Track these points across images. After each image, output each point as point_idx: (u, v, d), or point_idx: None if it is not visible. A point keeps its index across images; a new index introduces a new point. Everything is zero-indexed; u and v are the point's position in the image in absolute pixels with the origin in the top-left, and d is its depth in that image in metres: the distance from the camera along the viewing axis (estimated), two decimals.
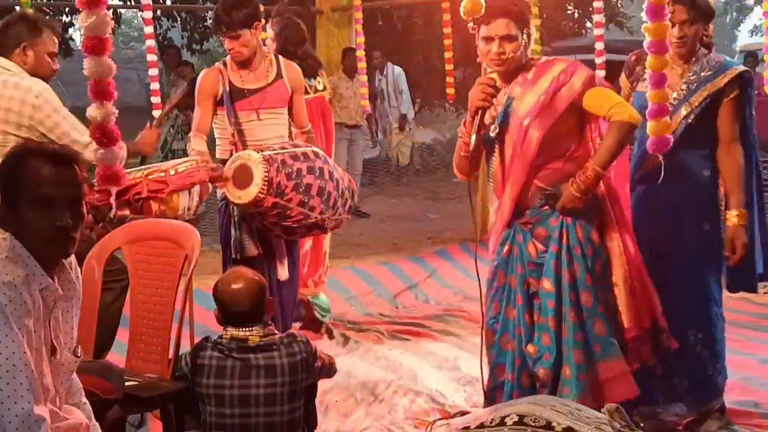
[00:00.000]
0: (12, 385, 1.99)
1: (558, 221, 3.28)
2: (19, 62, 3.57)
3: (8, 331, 2.00)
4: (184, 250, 3.22)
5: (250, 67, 4.08)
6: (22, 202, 2.14)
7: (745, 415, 3.88)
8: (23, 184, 2.15)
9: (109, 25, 2.87)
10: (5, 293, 2.02)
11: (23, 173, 2.15)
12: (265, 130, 4.07)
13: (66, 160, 2.19)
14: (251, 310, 2.99)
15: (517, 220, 3.35)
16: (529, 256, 3.34)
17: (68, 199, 2.16)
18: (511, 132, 3.29)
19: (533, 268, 3.32)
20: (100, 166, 2.98)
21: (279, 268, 4.14)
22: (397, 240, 8.05)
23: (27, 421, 1.99)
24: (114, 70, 2.92)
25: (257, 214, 3.85)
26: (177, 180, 4.01)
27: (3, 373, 1.98)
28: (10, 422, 1.98)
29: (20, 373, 2.00)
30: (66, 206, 2.15)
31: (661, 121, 3.41)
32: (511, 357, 3.36)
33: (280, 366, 2.95)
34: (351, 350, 4.99)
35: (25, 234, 2.13)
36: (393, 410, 4.08)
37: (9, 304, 2.01)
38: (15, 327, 2.01)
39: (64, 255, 2.23)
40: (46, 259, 2.17)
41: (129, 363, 3.17)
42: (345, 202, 4.02)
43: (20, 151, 2.23)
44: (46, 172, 2.15)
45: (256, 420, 2.92)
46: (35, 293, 2.11)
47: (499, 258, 3.42)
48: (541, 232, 3.32)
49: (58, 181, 2.15)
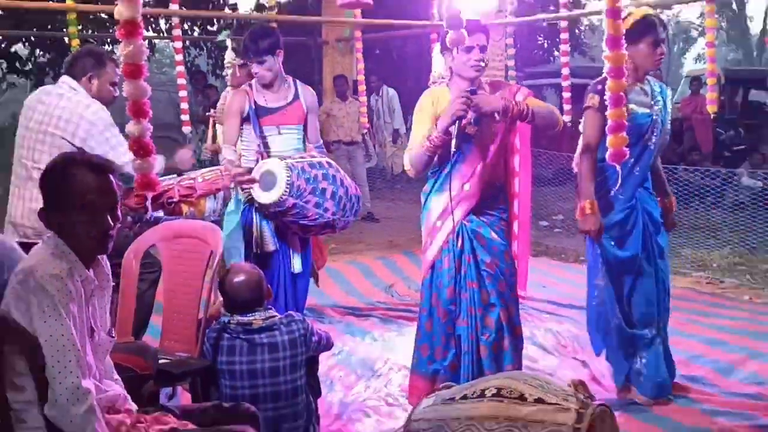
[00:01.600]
0: (62, 362, 2.01)
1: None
2: (86, 89, 3.64)
3: (57, 317, 2.03)
4: (209, 246, 3.23)
5: (272, 88, 4.08)
6: (69, 206, 2.16)
7: (688, 388, 3.90)
8: (71, 191, 2.17)
9: (144, 53, 2.86)
10: (53, 284, 2.05)
11: (71, 182, 2.17)
12: (284, 142, 4.08)
13: (105, 171, 2.23)
14: (252, 297, 3.03)
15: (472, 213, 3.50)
16: (492, 239, 3.50)
17: (108, 205, 2.20)
18: (484, 131, 3.45)
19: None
20: (137, 175, 2.98)
21: (294, 261, 4.14)
22: (392, 238, 8.05)
23: (76, 393, 2.01)
24: (149, 92, 2.91)
25: (279, 213, 3.86)
26: (204, 186, 4.01)
27: (54, 352, 2.01)
28: (61, 394, 2.00)
29: (69, 352, 2.03)
30: (106, 211, 2.19)
31: (619, 136, 3.41)
32: (467, 332, 3.47)
33: (281, 343, 2.98)
34: (352, 333, 4.98)
35: (70, 234, 2.16)
36: (389, 384, 4.09)
37: (57, 293, 2.04)
38: (63, 313, 2.04)
39: (103, 252, 2.27)
40: (86, 255, 2.20)
41: (162, 344, 3.17)
42: (352, 206, 4.04)
43: (66, 162, 2.25)
44: (91, 182, 2.18)
45: (264, 390, 2.95)
46: (77, 283, 2.13)
47: (454, 248, 3.51)
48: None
49: (101, 190, 2.19)
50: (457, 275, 3.49)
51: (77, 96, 3.60)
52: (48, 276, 2.05)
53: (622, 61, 3.41)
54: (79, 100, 3.58)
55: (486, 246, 3.49)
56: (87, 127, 3.53)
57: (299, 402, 3.01)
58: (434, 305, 3.56)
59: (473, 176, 3.46)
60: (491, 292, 3.48)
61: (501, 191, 3.62)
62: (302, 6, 15.21)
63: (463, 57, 3.40)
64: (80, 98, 3.59)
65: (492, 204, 3.55)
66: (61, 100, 3.58)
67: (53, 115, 3.55)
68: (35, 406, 2.05)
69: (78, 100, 3.58)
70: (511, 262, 3.60)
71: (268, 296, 3.14)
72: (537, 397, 2.53)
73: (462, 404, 2.64)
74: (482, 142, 3.45)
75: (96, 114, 3.56)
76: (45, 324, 2.02)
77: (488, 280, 3.48)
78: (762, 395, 3.78)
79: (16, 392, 2.04)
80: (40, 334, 2.01)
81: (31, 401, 2.05)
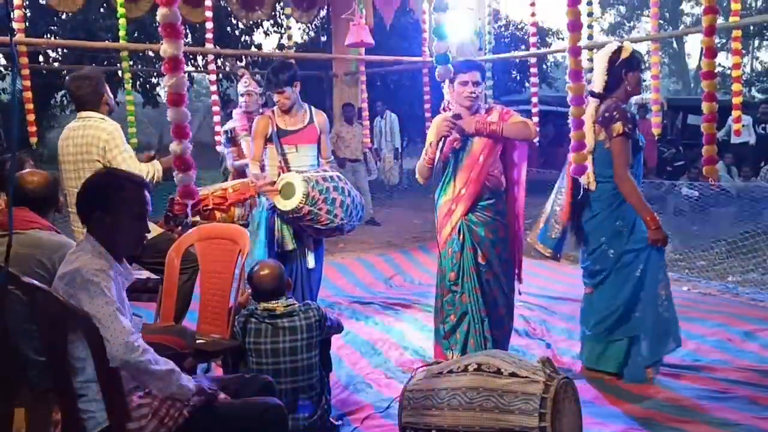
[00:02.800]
0: (112, 326, 2.02)
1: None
2: (101, 111, 3.60)
3: (104, 297, 2.04)
4: (238, 246, 3.22)
5: (290, 114, 4.08)
6: (122, 213, 2.18)
7: None
8: (126, 200, 2.19)
9: (185, 84, 2.87)
10: (100, 275, 2.07)
11: (126, 192, 2.19)
12: (301, 158, 4.07)
13: (147, 186, 2.28)
14: (275, 288, 3.02)
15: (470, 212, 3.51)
16: (485, 237, 3.49)
17: (147, 214, 2.25)
18: (476, 146, 3.49)
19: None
20: (179, 186, 2.98)
21: (308, 258, 4.13)
22: (390, 238, 8.03)
23: (129, 346, 2.02)
24: (189, 116, 2.92)
25: (296, 218, 3.85)
26: (234, 196, 4.01)
27: (105, 321, 2.02)
28: (117, 350, 2.01)
29: (116, 318, 2.03)
30: (145, 220, 2.24)
31: (580, 154, 3.41)
32: (470, 308, 3.49)
33: (299, 327, 2.97)
34: (357, 318, 4.97)
35: (112, 234, 2.17)
36: (388, 360, 4.08)
37: (102, 281, 2.06)
38: (107, 293, 2.05)
39: (137, 252, 2.33)
40: (121, 253, 2.23)
41: (199, 327, 3.16)
42: (358, 212, 4.04)
43: (117, 176, 2.28)
44: (141, 195, 2.22)
45: (284, 366, 2.94)
46: (116, 276, 2.15)
47: (456, 241, 3.53)
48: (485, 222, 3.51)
49: (146, 202, 2.23)
50: (458, 262, 3.51)
51: (94, 122, 3.54)
52: (93, 270, 2.06)
53: (582, 91, 3.41)
54: (96, 125, 3.52)
55: (479, 242, 3.51)
56: (103, 145, 3.46)
57: (314, 377, 3.00)
58: (441, 287, 3.60)
59: (469, 182, 3.49)
60: (488, 278, 3.51)
61: (500, 198, 3.57)
62: (316, 45, 15.24)
63: (460, 89, 3.48)
64: (97, 123, 3.53)
65: (489, 207, 3.53)
66: (85, 129, 3.52)
67: (83, 144, 3.49)
68: (94, 382, 2.05)
69: (96, 125, 3.52)
70: (503, 257, 3.55)
71: (288, 287, 3.14)
72: (511, 372, 2.54)
73: (448, 377, 2.64)
74: (473, 154, 3.50)
75: (110, 134, 3.49)
76: (93, 303, 2.02)
77: (483, 269, 3.50)
78: (701, 368, 3.80)
79: (76, 374, 2.06)
80: (92, 314, 2.01)
81: (90, 380, 2.06)
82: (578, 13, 3.45)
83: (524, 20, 15.66)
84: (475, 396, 2.50)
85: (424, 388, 2.68)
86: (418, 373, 2.83)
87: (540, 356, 2.66)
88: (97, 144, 3.47)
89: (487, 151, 3.49)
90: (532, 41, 7.16)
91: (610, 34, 30.58)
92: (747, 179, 10.18)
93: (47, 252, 2.52)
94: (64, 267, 2.12)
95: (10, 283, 2.06)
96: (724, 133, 9.93)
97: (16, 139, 4.07)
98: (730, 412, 3.19)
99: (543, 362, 2.58)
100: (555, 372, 2.54)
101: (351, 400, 3.49)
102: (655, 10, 6.30)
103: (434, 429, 2.55)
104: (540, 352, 4.03)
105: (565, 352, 4.12)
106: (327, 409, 3.09)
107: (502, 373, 2.54)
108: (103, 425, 2.07)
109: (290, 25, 8.97)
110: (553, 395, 2.43)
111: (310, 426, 2.97)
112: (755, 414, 3.16)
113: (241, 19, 10.52)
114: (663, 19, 26.48)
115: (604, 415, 3.18)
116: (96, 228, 2.17)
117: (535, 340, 4.42)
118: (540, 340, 4.42)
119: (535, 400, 2.43)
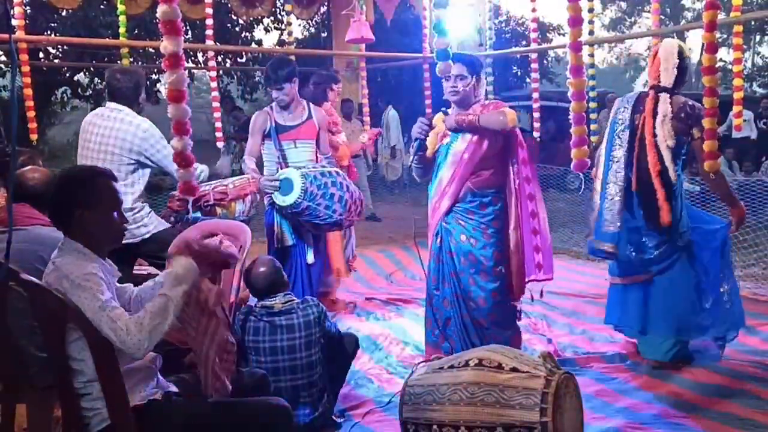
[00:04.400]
0: (109, 323, 1.96)
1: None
2: (135, 110, 3.66)
3: (92, 296, 1.98)
4: (239, 241, 3.20)
5: (289, 110, 4.08)
6: (101, 206, 2.12)
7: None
8: (103, 192, 2.13)
9: (185, 81, 2.86)
10: (90, 279, 2.01)
11: (101, 186, 2.14)
12: (299, 154, 4.08)
13: (115, 179, 2.21)
14: (272, 285, 3.01)
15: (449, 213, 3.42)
16: (461, 242, 3.39)
17: (121, 204, 2.20)
18: (460, 144, 3.39)
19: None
20: (180, 182, 2.97)
21: (308, 254, 4.14)
22: (391, 234, 8.03)
23: (132, 338, 1.95)
24: (189, 113, 2.91)
25: (295, 214, 3.85)
26: (235, 192, 4.01)
27: (102, 319, 1.96)
28: (124, 343, 1.95)
29: (109, 312, 1.97)
30: (121, 209, 2.19)
31: (581, 149, 3.39)
32: (453, 314, 3.43)
33: (297, 324, 2.96)
34: (358, 313, 4.97)
35: (96, 230, 2.11)
36: (389, 356, 4.08)
37: (93, 286, 2.00)
38: (99, 296, 1.98)
39: (119, 243, 2.24)
40: (104, 249, 2.17)
41: None
42: (356, 208, 4.03)
43: (87, 172, 2.22)
44: (113, 185, 2.16)
45: (283, 364, 2.94)
46: (104, 274, 2.10)
47: (435, 244, 3.49)
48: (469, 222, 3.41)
49: (118, 191, 2.18)
50: (438, 266, 3.45)
51: (128, 117, 3.59)
52: (83, 275, 2.00)
53: (583, 86, 3.40)
54: (131, 120, 3.58)
55: (456, 246, 3.40)
56: (139, 143, 3.53)
57: (314, 374, 3.00)
58: (426, 291, 3.56)
59: (452, 180, 3.39)
60: (470, 285, 3.39)
61: (488, 203, 3.39)
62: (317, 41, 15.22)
63: (444, 84, 3.41)
64: (130, 118, 3.59)
65: (471, 210, 3.39)
66: (116, 122, 3.57)
67: (110, 135, 3.54)
68: (95, 381, 2.04)
69: (130, 121, 3.58)
70: (486, 266, 3.37)
71: (286, 286, 3.12)
72: (512, 366, 2.53)
73: (449, 372, 2.64)
74: (456, 152, 3.39)
75: (147, 131, 3.56)
76: (86, 305, 1.97)
77: (461, 274, 3.39)
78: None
79: (76, 375, 2.04)
80: (87, 314, 1.97)
81: (90, 380, 2.04)
82: (579, 8, 3.42)
83: (525, 16, 15.67)
84: (477, 391, 2.50)
85: (425, 384, 2.67)
86: (419, 369, 2.82)
87: (541, 351, 2.66)
88: (132, 140, 3.53)
89: (471, 149, 3.35)
90: (533, 37, 7.13)
91: (611, 29, 30.57)
92: (748, 174, 10.17)
93: (48, 248, 2.51)
94: (50, 275, 2.05)
95: (10, 279, 2.05)
96: (725, 128, 9.92)
97: (15, 136, 4.06)
98: (732, 406, 3.19)
99: (544, 357, 2.57)
100: (556, 367, 2.54)
101: (352, 395, 3.49)
102: (656, 6, 6.27)
103: (435, 424, 2.55)
104: (541, 347, 4.03)
105: (567, 347, 4.12)
106: (330, 406, 3.09)
107: (503, 368, 2.53)
108: (108, 422, 2.07)
109: (290, 21, 8.95)
110: (555, 390, 2.43)
111: (311, 423, 2.97)
112: (757, 408, 3.17)
113: (241, 16, 10.49)
114: (664, 15, 26.44)
115: (605, 410, 3.18)
116: (77, 229, 2.10)
117: (536, 336, 4.42)
118: (541, 336, 4.42)
119: (536, 395, 2.42)
